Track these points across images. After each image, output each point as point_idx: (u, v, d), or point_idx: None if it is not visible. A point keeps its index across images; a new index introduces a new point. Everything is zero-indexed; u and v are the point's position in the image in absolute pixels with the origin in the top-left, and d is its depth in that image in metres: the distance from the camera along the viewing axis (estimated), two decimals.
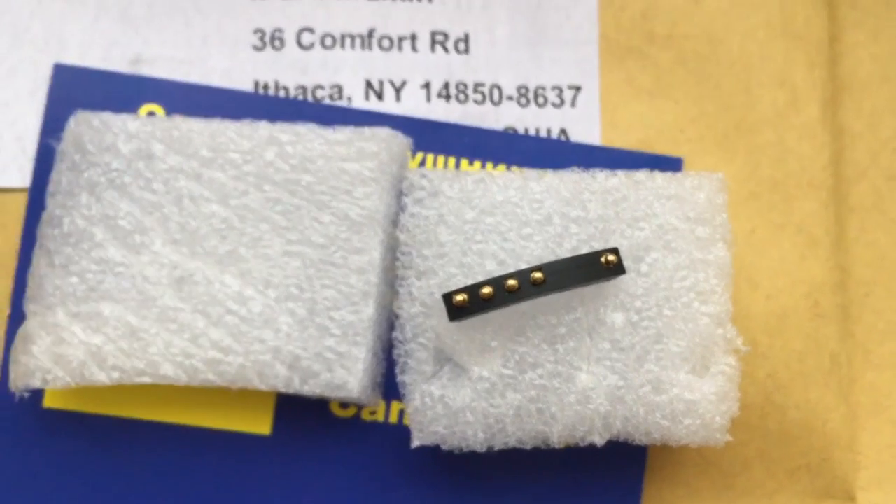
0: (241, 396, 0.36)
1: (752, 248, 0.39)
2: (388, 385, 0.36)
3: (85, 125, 0.34)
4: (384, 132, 0.35)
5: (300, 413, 0.36)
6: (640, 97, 0.39)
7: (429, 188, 0.34)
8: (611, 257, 0.32)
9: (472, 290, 0.32)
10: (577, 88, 0.39)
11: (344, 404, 0.36)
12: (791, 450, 0.38)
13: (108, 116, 0.34)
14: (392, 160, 0.35)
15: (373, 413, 0.36)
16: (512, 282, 0.32)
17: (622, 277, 0.33)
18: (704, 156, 0.39)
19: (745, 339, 0.37)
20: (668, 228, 0.34)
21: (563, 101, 0.39)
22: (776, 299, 0.38)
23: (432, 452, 0.36)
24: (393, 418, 0.36)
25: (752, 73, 0.40)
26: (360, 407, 0.36)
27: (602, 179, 0.34)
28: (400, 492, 0.36)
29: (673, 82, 0.40)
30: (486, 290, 0.32)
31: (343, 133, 0.34)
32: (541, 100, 0.39)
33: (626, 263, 0.33)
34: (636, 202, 0.34)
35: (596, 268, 0.32)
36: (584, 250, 0.33)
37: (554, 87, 0.39)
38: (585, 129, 0.39)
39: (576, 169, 0.35)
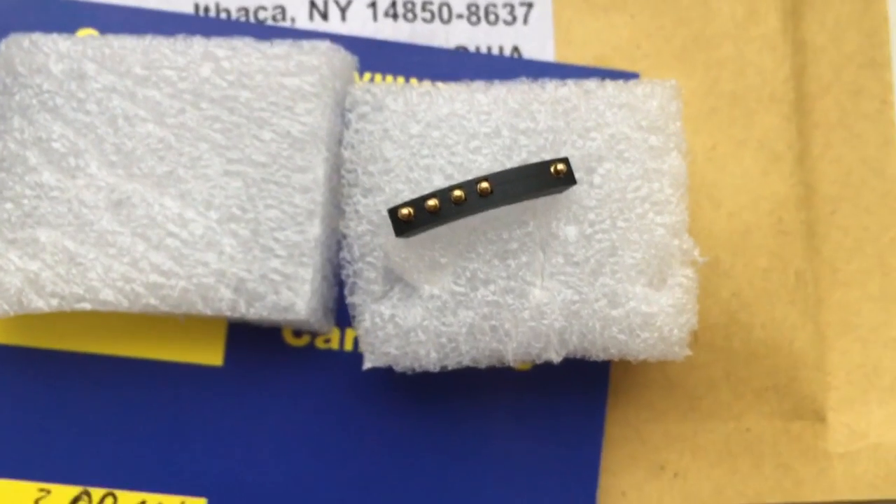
0: (191, 327, 0.35)
1: (713, 165, 0.38)
2: (342, 312, 0.35)
3: (15, 47, 0.33)
4: (324, 45, 0.34)
5: (252, 343, 0.35)
6: (595, 12, 0.38)
7: (372, 103, 0.33)
8: (560, 166, 0.31)
9: (418, 203, 0.31)
10: (530, 5, 0.38)
11: (297, 333, 0.36)
12: (758, 370, 0.37)
13: (38, 37, 0.33)
14: (334, 75, 0.34)
15: (327, 341, 0.36)
16: (458, 193, 0.31)
17: (574, 189, 0.32)
18: (662, 71, 0.38)
19: (708, 258, 0.37)
20: (620, 138, 0.33)
21: (515, 19, 0.38)
22: (739, 216, 0.38)
23: (386, 377, 0.35)
24: (348, 346, 0.36)
25: None
26: (313, 335, 0.36)
27: (551, 89, 0.34)
28: (356, 418, 0.35)
29: None
30: (432, 202, 0.31)
31: (282, 47, 0.33)
32: (492, 17, 0.38)
33: (577, 175, 0.33)
34: (587, 112, 0.33)
35: (545, 177, 0.31)
36: (535, 162, 0.32)
37: (505, 4, 0.38)
38: (539, 46, 0.38)
39: (524, 80, 0.34)
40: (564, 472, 0.35)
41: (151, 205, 0.32)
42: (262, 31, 0.36)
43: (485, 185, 0.31)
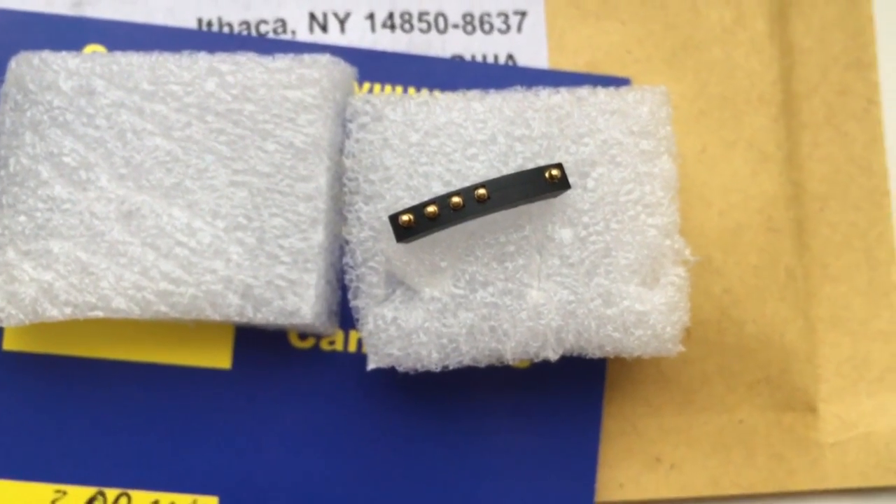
0: (199, 332, 0.36)
1: (703, 166, 0.39)
2: (345, 315, 0.36)
3: (25, 65, 0.34)
4: (325, 59, 0.35)
5: (259, 346, 0.36)
6: (587, 19, 0.39)
7: (372, 113, 0.34)
8: (554, 172, 0.32)
9: (418, 209, 0.32)
10: (523, 13, 0.39)
11: (302, 335, 0.37)
12: (750, 364, 0.38)
13: (47, 55, 0.34)
14: (335, 87, 0.35)
15: (331, 343, 0.37)
16: (456, 199, 0.32)
17: (568, 193, 0.34)
18: (653, 75, 0.39)
19: (700, 256, 0.38)
20: (612, 143, 0.34)
21: (509, 27, 0.39)
22: (729, 215, 0.39)
23: (390, 377, 0.36)
24: (352, 347, 0.37)
25: None
26: (318, 337, 0.37)
27: (545, 97, 0.35)
28: (361, 418, 0.36)
29: (619, 3, 0.40)
30: (431, 208, 0.32)
31: (283, 61, 0.34)
32: (486, 26, 0.39)
33: (571, 179, 0.34)
34: (580, 118, 0.34)
35: (540, 183, 0.32)
36: (530, 168, 0.34)
37: (499, 14, 0.39)
38: (533, 54, 0.39)
39: (518, 88, 0.35)
40: (564, 466, 0.36)
41: (160, 215, 0.33)
42: (263, 44, 0.37)
43: (482, 191, 0.32)
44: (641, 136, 0.34)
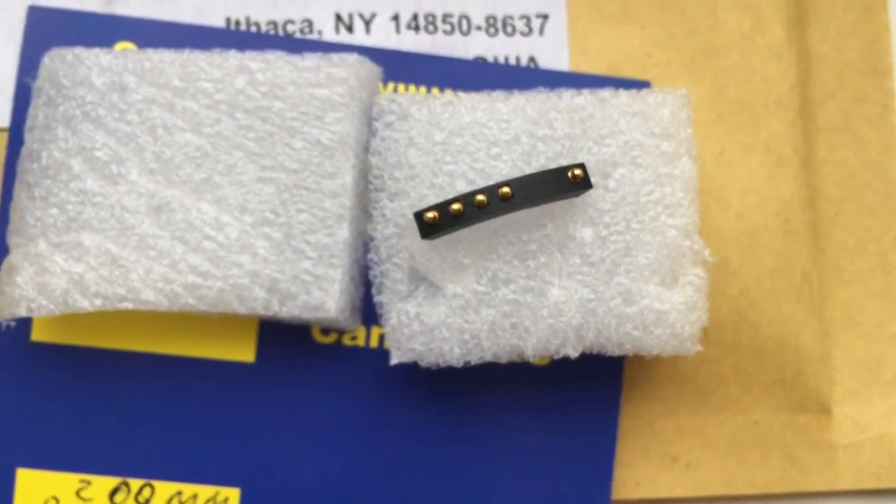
0: (224, 326, 0.37)
1: (721, 169, 0.39)
2: (368, 310, 0.37)
3: (59, 60, 0.35)
4: (352, 58, 0.35)
5: (283, 340, 0.37)
6: (608, 23, 0.40)
7: (398, 112, 0.35)
8: (577, 171, 0.33)
9: (443, 207, 0.32)
10: (545, 16, 0.40)
11: (325, 331, 0.37)
12: (765, 365, 0.39)
13: (81, 51, 0.35)
14: (361, 86, 0.35)
15: (353, 338, 0.37)
16: (481, 197, 0.32)
17: (590, 193, 0.34)
18: (672, 79, 0.40)
19: (717, 258, 0.38)
20: (633, 144, 0.35)
21: (531, 30, 0.40)
22: (746, 218, 0.39)
23: (411, 372, 0.37)
24: (373, 343, 0.37)
25: None
26: (340, 333, 0.37)
27: (568, 98, 0.35)
28: (382, 413, 0.37)
29: (639, 8, 0.40)
30: (456, 206, 0.32)
31: (312, 60, 0.35)
32: (509, 29, 0.40)
33: (593, 179, 0.34)
34: (602, 120, 0.35)
35: (563, 182, 0.33)
36: (553, 167, 0.34)
37: (522, 16, 0.40)
38: (554, 56, 0.40)
39: (542, 89, 0.36)
40: (580, 463, 0.37)
41: (189, 210, 0.34)
42: (290, 43, 0.38)
43: (506, 189, 0.32)
44: (662, 138, 0.35)
